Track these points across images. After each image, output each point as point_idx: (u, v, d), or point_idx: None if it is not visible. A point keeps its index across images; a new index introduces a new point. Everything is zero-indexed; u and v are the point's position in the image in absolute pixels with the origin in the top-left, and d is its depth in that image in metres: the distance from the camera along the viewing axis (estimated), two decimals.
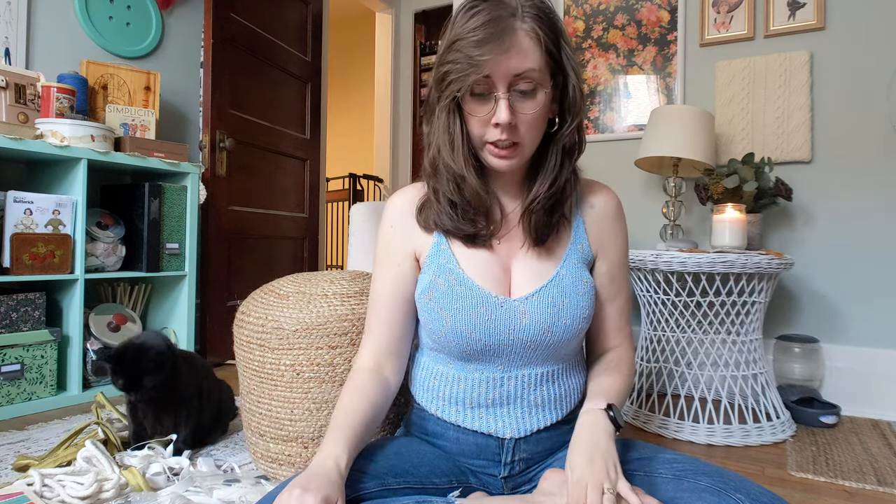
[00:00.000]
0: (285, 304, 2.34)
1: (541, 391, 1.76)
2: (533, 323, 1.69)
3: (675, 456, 1.59)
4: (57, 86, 3.66)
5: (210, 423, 2.92)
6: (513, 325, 1.69)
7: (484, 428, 1.74)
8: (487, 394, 1.75)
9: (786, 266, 3.23)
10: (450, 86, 1.56)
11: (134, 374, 2.50)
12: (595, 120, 4.61)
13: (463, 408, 1.77)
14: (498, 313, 1.69)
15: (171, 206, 4.20)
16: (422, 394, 1.87)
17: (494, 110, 1.55)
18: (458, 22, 1.55)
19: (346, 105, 11.58)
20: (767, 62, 4.03)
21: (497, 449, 1.76)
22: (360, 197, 9.25)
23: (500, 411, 1.75)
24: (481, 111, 1.58)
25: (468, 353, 1.72)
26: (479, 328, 1.69)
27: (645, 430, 3.35)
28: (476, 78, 1.51)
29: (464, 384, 1.77)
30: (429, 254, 1.79)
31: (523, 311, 1.70)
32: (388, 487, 1.52)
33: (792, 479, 2.71)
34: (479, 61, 1.48)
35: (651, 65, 4.42)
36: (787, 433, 3.27)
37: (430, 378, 1.85)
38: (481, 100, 1.57)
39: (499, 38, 1.48)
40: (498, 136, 1.58)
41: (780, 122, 3.99)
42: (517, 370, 1.75)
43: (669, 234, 3.91)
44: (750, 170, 3.64)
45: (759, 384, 3.36)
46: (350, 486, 1.46)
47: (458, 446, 1.79)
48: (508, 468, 1.77)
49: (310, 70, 6.05)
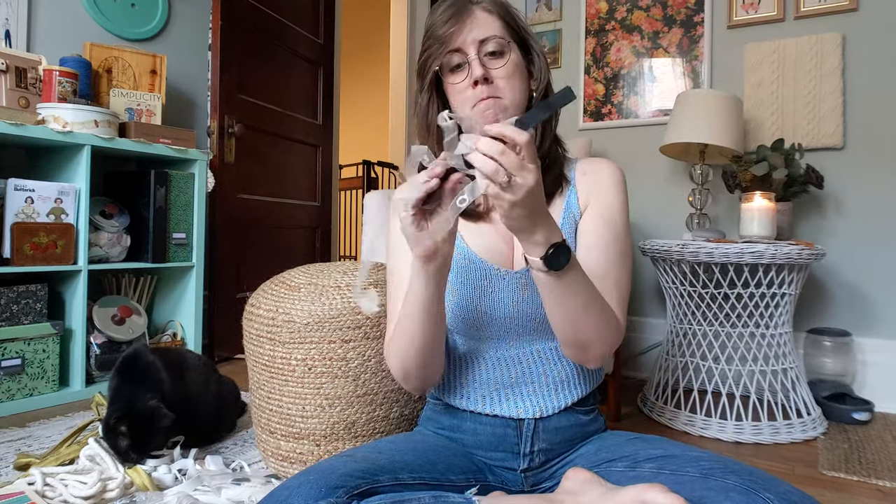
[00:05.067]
0: (297, 296, 2.33)
1: (561, 365, 1.82)
2: (534, 295, 1.73)
3: (701, 454, 1.58)
4: (59, 69, 3.64)
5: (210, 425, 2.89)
6: (515, 297, 1.77)
7: (507, 412, 1.77)
8: (508, 373, 1.80)
9: (817, 256, 3.21)
10: (429, 69, 1.76)
11: (144, 442, 2.45)
12: (618, 104, 4.60)
13: (487, 391, 1.81)
14: (501, 285, 1.78)
15: (177, 194, 4.19)
16: (440, 385, 1.89)
17: (469, 71, 1.69)
18: (429, 17, 1.77)
19: (360, 89, 11.58)
20: (798, 44, 4.01)
21: (516, 438, 1.78)
22: (374, 185, 9.22)
23: (523, 390, 1.80)
24: (460, 79, 1.72)
25: (476, 326, 1.80)
26: (483, 300, 1.78)
27: (671, 427, 3.34)
28: (447, 50, 1.71)
29: (482, 365, 1.83)
30: None
31: (525, 283, 1.76)
32: (402, 482, 1.50)
33: (823, 478, 2.71)
34: (447, 36, 1.69)
35: (677, 47, 4.41)
36: (818, 430, 3.26)
37: (446, 365, 1.88)
38: (458, 70, 1.73)
39: (459, 15, 1.70)
40: (478, 95, 1.69)
41: (810, 106, 3.97)
42: (530, 346, 1.82)
43: (696, 223, 3.90)
44: (780, 156, 3.62)
45: (788, 379, 3.36)
46: (364, 479, 1.44)
47: (476, 437, 1.81)
48: (528, 460, 1.78)
49: (322, 53, 6.04)
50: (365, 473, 1.47)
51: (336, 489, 1.37)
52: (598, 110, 4.69)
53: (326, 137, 6.12)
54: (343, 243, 9.73)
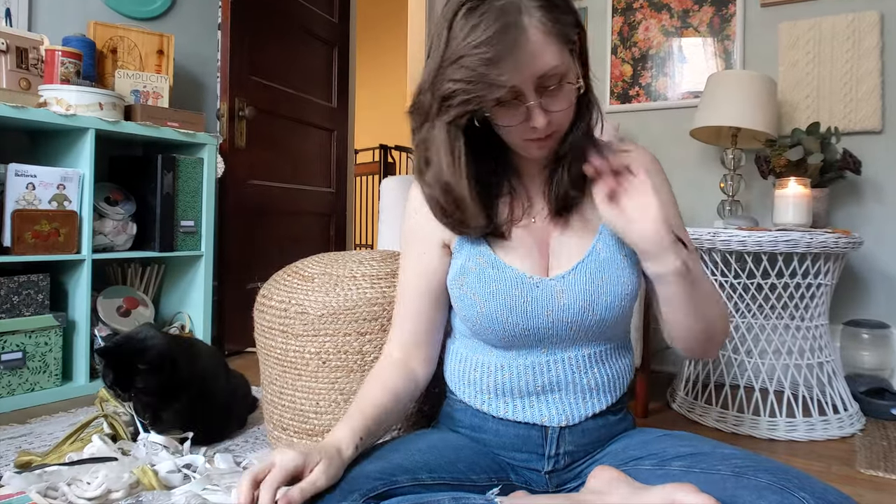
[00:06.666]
0: (310, 286, 2.32)
1: (592, 373, 1.76)
2: (571, 302, 1.68)
3: (733, 451, 1.57)
4: (62, 49, 3.63)
5: (219, 419, 2.89)
6: (550, 305, 1.68)
7: (532, 418, 1.73)
8: (535, 381, 1.73)
9: (854, 245, 3.19)
10: (461, 106, 1.50)
11: (126, 373, 2.50)
12: (647, 86, 4.59)
13: (511, 398, 1.75)
14: (534, 294, 1.69)
15: (185, 180, 4.18)
16: (461, 386, 1.85)
17: (528, 116, 1.52)
18: (457, 31, 1.47)
19: (377, 71, 11.57)
20: (834, 23, 3.99)
21: (540, 440, 1.74)
22: (391, 170, 9.23)
23: (550, 398, 1.74)
24: (511, 120, 1.55)
25: (507, 339, 1.72)
26: (514, 312, 1.69)
27: (701, 424, 3.33)
28: (496, 97, 1.47)
29: (508, 373, 1.75)
30: (459, 238, 1.78)
31: (560, 290, 1.69)
32: (422, 483, 1.48)
33: (861, 476, 2.69)
34: (499, 81, 1.43)
35: (708, 26, 4.39)
36: (855, 427, 3.24)
37: (469, 369, 1.83)
38: (508, 107, 1.53)
39: (512, 51, 1.42)
40: (534, 135, 1.57)
41: (847, 88, 3.96)
42: (562, 352, 1.74)
43: (728, 210, 3.89)
44: (815, 141, 3.61)
45: (825, 374, 3.34)
46: (381, 479, 1.43)
47: (499, 438, 1.77)
48: (552, 462, 1.75)
49: (337, 32, 6.02)
50: (382, 474, 1.45)
51: (351, 493, 1.37)
52: (625, 92, 4.67)
53: (341, 121, 6.11)
54: (359, 231, 9.71)
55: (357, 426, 1.56)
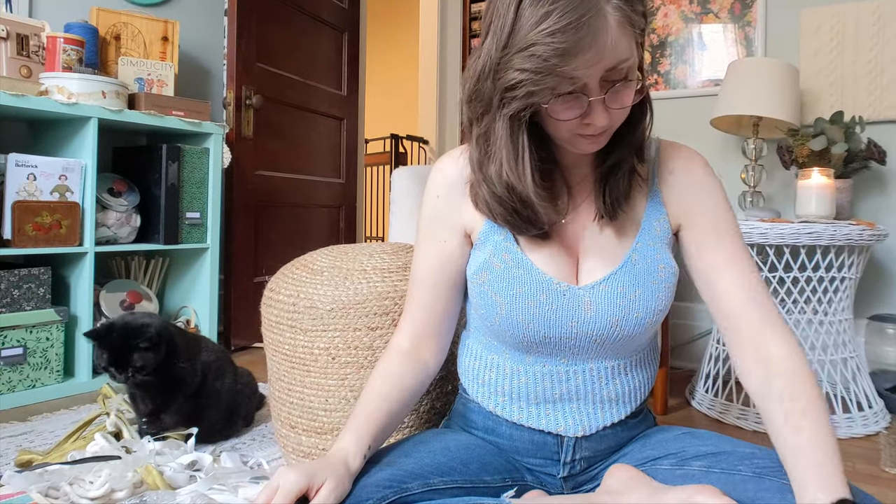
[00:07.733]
0: (319, 280, 2.30)
1: (613, 385, 1.71)
2: (599, 316, 1.61)
3: (755, 450, 1.55)
4: (64, 36, 3.64)
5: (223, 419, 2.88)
6: (576, 317, 1.61)
7: (548, 427, 1.70)
8: (552, 389, 1.69)
9: (879, 237, 3.19)
10: (524, 98, 1.39)
11: (121, 351, 2.50)
12: (665, 74, 4.58)
13: (526, 404, 1.72)
14: (560, 303, 1.61)
15: (191, 170, 4.18)
16: (474, 386, 1.82)
17: (588, 112, 1.42)
18: (526, 15, 1.33)
19: (388, 58, 11.58)
20: (859, 9, 3.97)
21: (556, 447, 1.72)
22: (402, 160, 9.23)
23: (567, 407, 1.70)
24: (568, 114, 1.42)
25: (525, 344, 1.66)
26: (537, 318, 1.62)
27: (721, 422, 3.33)
28: (569, 90, 1.36)
29: (524, 378, 1.71)
30: (483, 229, 1.70)
31: (588, 302, 1.61)
32: (434, 488, 1.47)
33: (885, 475, 2.69)
34: (573, 74, 1.33)
35: (728, 12, 4.38)
36: (880, 425, 3.24)
37: (483, 369, 1.79)
38: (567, 99, 1.39)
39: (591, 43, 1.30)
40: (589, 131, 1.46)
41: (872, 76, 3.94)
42: (584, 364, 1.68)
43: (749, 201, 3.88)
44: (839, 130, 3.59)
45: (848, 369, 3.33)
46: (391, 487, 1.42)
47: (512, 443, 1.75)
48: (568, 468, 1.73)
49: (347, 18, 6.02)
50: (392, 481, 1.44)
51: (362, 502, 1.35)
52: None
53: (351, 109, 6.10)
54: (369, 223, 9.73)
55: (364, 434, 1.54)
